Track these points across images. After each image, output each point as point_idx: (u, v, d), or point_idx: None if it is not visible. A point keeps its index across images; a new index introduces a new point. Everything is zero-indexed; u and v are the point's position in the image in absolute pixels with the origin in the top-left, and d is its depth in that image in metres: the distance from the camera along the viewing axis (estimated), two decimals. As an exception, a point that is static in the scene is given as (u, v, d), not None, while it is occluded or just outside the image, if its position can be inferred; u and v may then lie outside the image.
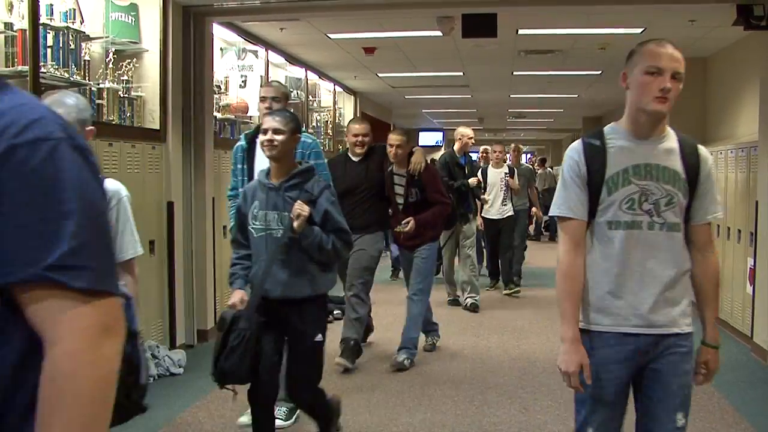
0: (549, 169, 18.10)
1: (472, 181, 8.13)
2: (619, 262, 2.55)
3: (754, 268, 6.43)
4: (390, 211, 6.16)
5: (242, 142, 4.64)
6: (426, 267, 6.05)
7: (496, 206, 9.17)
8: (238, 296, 3.66)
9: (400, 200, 5.99)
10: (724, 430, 4.51)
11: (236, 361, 3.44)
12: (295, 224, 3.53)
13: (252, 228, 3.70)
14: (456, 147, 8.32)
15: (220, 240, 7.01)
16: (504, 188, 9.15)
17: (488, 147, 10.31)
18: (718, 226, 7.44)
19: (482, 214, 9.11)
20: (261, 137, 3.68)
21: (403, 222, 5.84)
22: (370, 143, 5.97)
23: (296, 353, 3.74)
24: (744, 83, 8.01)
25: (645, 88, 2.52)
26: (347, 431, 4.49)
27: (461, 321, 7.66)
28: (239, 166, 4.63)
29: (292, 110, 4.15)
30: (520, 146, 11.63)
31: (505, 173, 9.21)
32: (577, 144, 2.66)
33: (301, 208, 3.54)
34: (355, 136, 5.93)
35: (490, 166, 9.30)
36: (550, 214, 2.69)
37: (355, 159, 5.93)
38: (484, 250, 10.52)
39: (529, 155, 28.49)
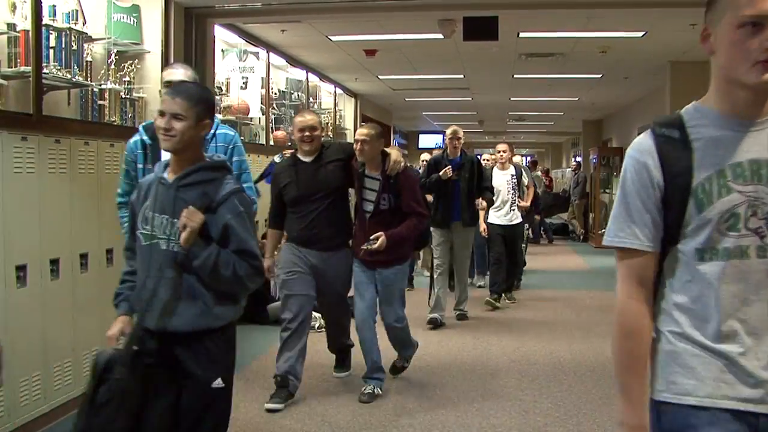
0: (538, 172, 18.03)
1: (445, 172, 7.29)
2: (717, 306, 1.73)
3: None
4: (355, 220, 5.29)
5: (143, 136, 3.86)
6: (398, 290, 5.21)
7: (503, 211, 8.47)
8: (117, 326, 2.83)
9: (368, 207, 5.03)
10: None
11: (104, 423, 2.62)
12: (182, 237, 2.70)
13: (140, 233, 2.87)
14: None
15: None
16: (511, 191, 8.45)
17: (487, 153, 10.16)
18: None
19: (488, 220, 8.40)
20: (157, 122, 2.82)
21: (371, 238, 4.88)
22: (320, 137, 5.05)
23: (186, 405, 2.81)
24: (744, 87, 8.01)
25: (740, 48, 1.70)
26: (342, 425, 4.50)
27: (461, 324, 7.66)
28: (139, 166, 3.84)
29: (201, 87, 3.26)
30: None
31: (512, 175, 8.54)
32: (644, 139, 1.83)
33: (189, 216, 2.69)
34: (301, 130, 4.92)
35: (495, 168, 8.65)
36: (603, 242, 1.89)
37: (306, 159, 4.98)
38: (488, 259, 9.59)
39: (528, 158, 28.48)
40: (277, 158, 5.31)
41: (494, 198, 8.18)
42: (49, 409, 4.49)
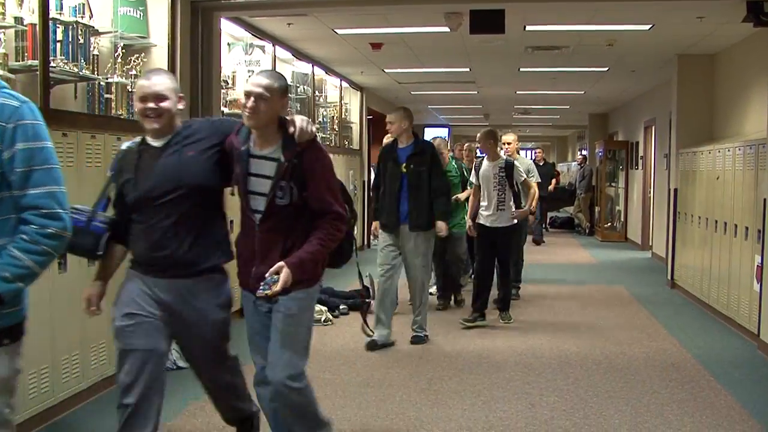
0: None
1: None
2: None
3: (761, 265, 6.41)
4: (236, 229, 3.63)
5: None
6: (300, 330, 3.45)
7: (488, 210, 7.21)
8: None
9: (257, 204, 3.35)
10: (730, 427, 4.51)
11: None
12: None
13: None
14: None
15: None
16: (498, 186, 7.16)
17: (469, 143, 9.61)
18: (725, 223, 7.44)
19: (476, 219, 7.34)
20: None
21: (267, 274, 3.18)
22: (173, 111, 3.33)
23: None
24: (752, 81, 7.99)
25: None
26: (354, 424, 4.50)
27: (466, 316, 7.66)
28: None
29: None
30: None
31: (500, 168, 7.20)
32: None
33: None
34: (142, 100, 3.30)
35: (485, 159, 7.37)
36: None
37: (155, 143, 3.37)
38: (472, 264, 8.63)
39: (534, 152, 28.41)
40: (124, 145, 3.50)
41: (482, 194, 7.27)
42: (56, 402, 4.51)
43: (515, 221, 7.32)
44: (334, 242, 3.33)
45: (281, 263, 3.16)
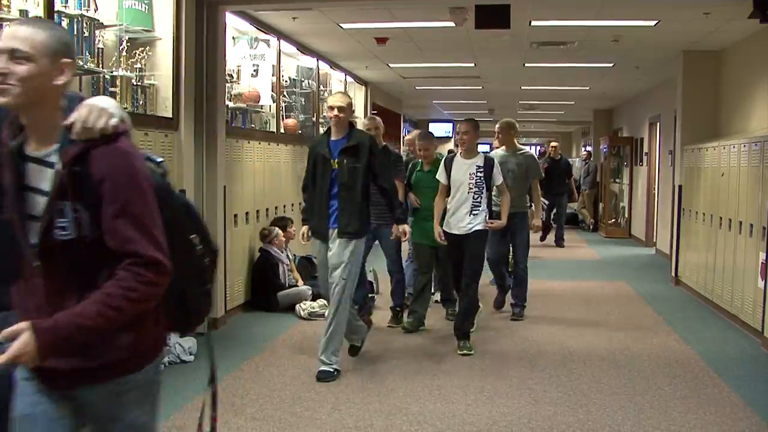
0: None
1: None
2: None
3: (766, 262, 6.41)
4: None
5: None
6: None
7: (459, 215, 6.12)
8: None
9: (32, 234, 2.06)
10: (734, 424, 4.51)
11: None
12: None
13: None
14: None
15: (231, 228, 7.05)
16: (474, 188, 6.08)
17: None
18: (730, 220, 7.42)
19: (443, 226, 6.23)
20: None
21: (1, 337, 1.94)
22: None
23: None
24: (758, 77, 7.97)
25: None
26: (358, 419, 4.51)
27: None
28: None
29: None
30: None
31: (478, 167, 6.11)
32: None
33: None
34: None
35: (458, 155, 6.36)
36: None
37: None
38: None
39: (539, 147, 28.39)
40: None
41: (451, 197, 6.24)
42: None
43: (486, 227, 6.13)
44: (134, 303, 2.01)
45: (24, 324, 1.93)
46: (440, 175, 6.35)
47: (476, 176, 6.11)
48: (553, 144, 14.96)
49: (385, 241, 6.91)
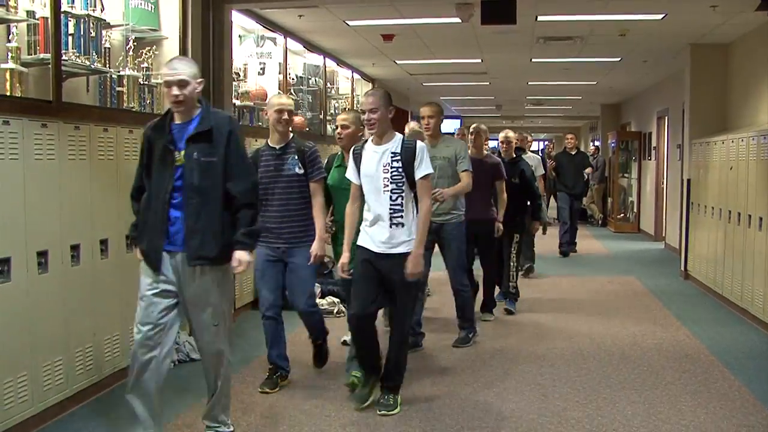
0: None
1: None
2: None
3: (775, 255, 6.38)
4: None
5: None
6: None
7: (377, 228, 4.51)
8: None
9: None
10: (744, 419, 4.49)
11: None
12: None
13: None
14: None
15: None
16: (390, 184, 4.47)
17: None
18: (739, 213, 7.39)
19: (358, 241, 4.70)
20: None
21: None
22: None
23: None
24: (766, 70, 7.93)
25: None
26: (368, 415, 4.51)
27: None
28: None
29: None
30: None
31: (393, 154, 4.49)
32: None
33: None
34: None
35: (369, 140, 4.66)
36: None
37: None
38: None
39: (545, 143, 28.33)
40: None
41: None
42: (71, 394, 4.54)
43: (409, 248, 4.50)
44: None
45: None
46: (350, 173, 4.68)
47: (391, 167, 4.48)
48: (570, 136, 12.94)
49: (298, 269, 4.93)
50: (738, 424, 4.41)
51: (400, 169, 4.45)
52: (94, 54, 5.05)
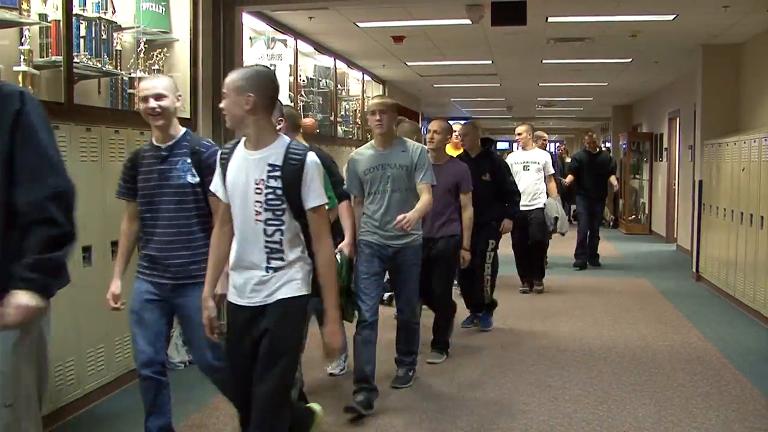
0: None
1: None
2: None
3: (787, 257, 6.35)
4: None
5: None
6: None
7: (247, 275, 3.32)
8: None
9: None
10: (756, 421, 4.47)
11: None
12: None
13: None
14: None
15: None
16: (265, 210, 3.15)
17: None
18: (751, 214, 7.36)
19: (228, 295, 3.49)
20: None
21: None
22: None
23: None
24: (778, 70, 7.90)
25: None
26: (376, 416, 4.51)
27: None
28: None
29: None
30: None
31: (271, 167, 3.14)
32: None
33: None
34: None
35: (241, 142, 3.43)
36: None
37: None
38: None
39: (557, 144, 28.27)
40: None
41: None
42: (83, 394, 4.57)
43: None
44: None
45: None
46: (214, 184, 3.33)
47: (266, 186, 3.09)
48: (590, 133, 11.68)
49: (194, 315, 3.48)
50: (750, 426, 4.39)
51: (277, 190, 3.07)
52: (105, 56, 5.07)
